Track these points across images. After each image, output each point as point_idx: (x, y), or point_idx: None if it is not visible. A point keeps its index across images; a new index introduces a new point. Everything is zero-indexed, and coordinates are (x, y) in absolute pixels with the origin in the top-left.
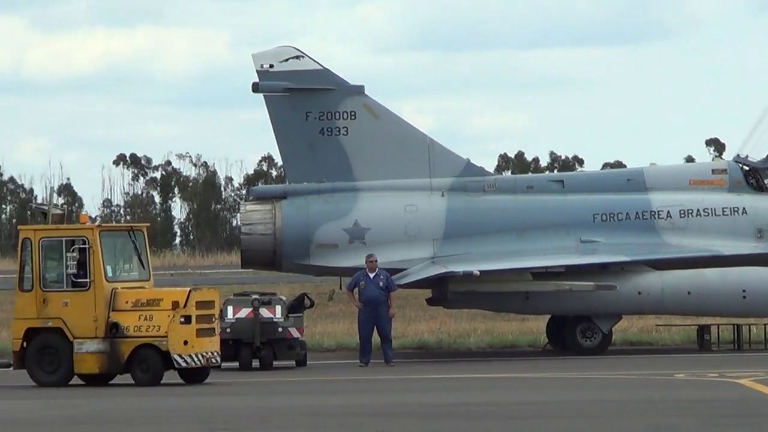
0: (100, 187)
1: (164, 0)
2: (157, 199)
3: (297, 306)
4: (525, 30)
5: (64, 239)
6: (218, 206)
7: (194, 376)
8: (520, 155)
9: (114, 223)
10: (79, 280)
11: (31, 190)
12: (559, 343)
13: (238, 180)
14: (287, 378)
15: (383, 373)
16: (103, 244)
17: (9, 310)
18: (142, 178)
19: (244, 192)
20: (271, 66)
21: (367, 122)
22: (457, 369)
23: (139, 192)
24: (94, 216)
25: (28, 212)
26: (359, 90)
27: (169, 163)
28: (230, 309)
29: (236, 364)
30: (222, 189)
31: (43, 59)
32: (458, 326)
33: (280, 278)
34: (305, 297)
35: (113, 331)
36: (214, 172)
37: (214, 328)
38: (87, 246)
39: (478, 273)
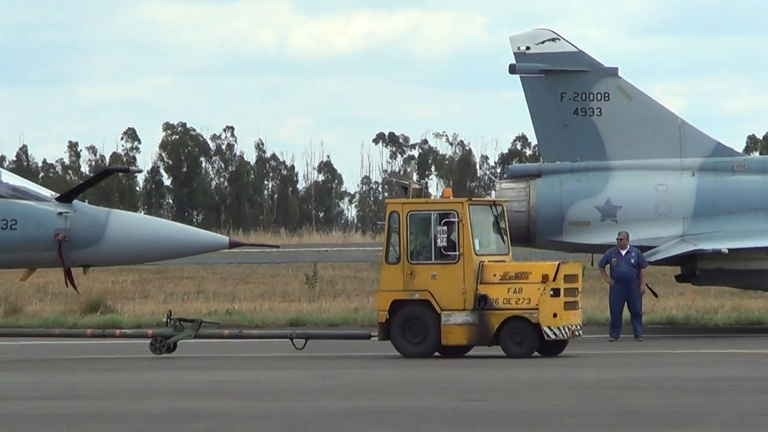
0: (359, 164)
1: None
2: (414, 176)
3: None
4: None
5: (432, 213)
6: (473, 184)
7: (553, 348)
8: None
9: (480, 198)
10: (447, 253)
11: (292, 167)
12: None
13: (493, 158)
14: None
15: (633, 348)
16: (471, 218)
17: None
18: (399, 156)
19: (499, 170)
20: (528, 48)
21: (621, 103)
22: (704, 344)
23: (397, 169)
24: (352, 192)
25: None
26: (613, 72)
27: (425, 141)
28: None
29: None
30: (477, 167)
31: (306, 40)
32: (706, 303)
33: (534, 254)
34: None
35: (482, 303)
36: (470, 151)
37: (578, 301)
38: (457, 220)
39: (727, 251)
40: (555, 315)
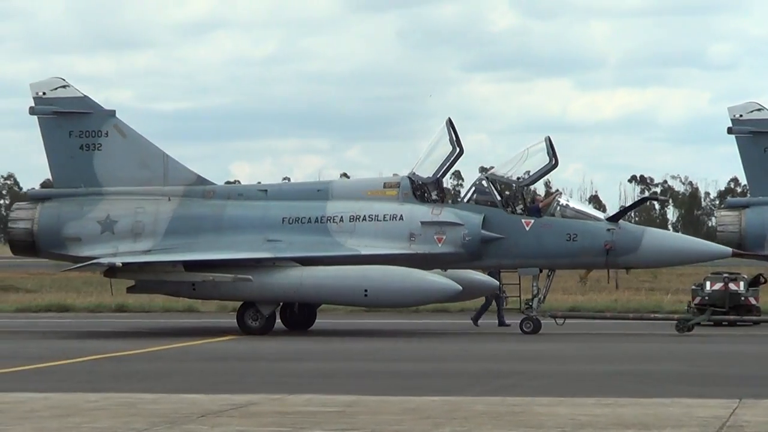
0: (617, 197)
1: (668, 69)
2: (655, 205)
3: (754, 282)
4: None
5: None
6: (698, 212)
7: None
8: None
9: None
10: None
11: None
12: None
13: (713, 194)
14: (747, 332)
15: None
16: None
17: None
18: (646, 191)
19: (717, 202)
20: (741, 115)
21: None
22: None
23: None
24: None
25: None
26: None
27: (665, 181)
28: (708, 283)
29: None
30: (702, 200)
31: (581, 109)
32: None
33: (743, 262)
34: (761, 276)
35: None
36: (697, 188)
37: None
38: None
39: None
40: None
